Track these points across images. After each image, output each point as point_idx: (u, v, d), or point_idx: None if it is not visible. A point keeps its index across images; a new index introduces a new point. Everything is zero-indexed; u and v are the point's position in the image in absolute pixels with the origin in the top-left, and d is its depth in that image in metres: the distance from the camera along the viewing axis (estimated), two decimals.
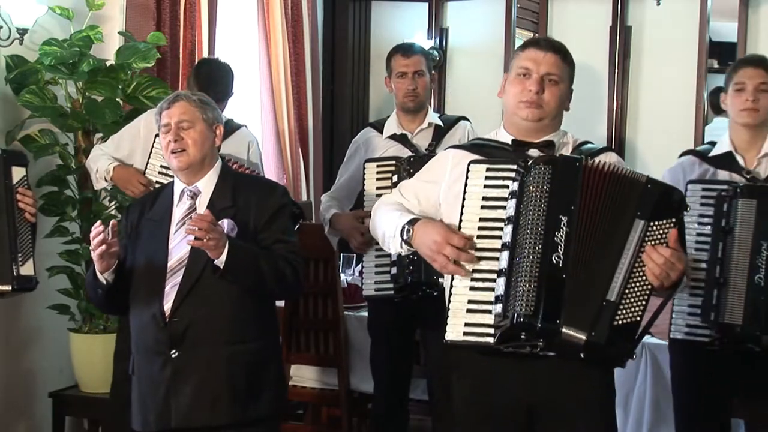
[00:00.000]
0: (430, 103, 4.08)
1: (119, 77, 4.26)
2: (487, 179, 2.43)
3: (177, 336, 2.83)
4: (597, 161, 2.43)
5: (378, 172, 3.72)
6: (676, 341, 3.06)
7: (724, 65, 5.68)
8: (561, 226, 2.32)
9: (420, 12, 6.05)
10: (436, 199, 2.60)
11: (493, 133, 2.65)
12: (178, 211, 2.95)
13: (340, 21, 6.15)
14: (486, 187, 2.43)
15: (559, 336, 2.30)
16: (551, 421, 2.49)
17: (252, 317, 2.90)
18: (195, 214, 2.82)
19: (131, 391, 2.98)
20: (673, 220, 2.36)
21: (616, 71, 5.52)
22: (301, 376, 4.30)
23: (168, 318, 2.83)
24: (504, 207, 2.38)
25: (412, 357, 3.89)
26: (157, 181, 3.65)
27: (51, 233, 4.12)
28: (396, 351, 3.81)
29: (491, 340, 2.35)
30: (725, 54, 5.61)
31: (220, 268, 2.78)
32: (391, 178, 3.64)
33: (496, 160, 2.48)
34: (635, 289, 2.34)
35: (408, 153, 3.77)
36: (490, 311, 2.35)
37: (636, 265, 2.34)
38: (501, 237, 2.37)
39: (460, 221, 2.43)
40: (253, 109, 5.51)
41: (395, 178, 3.62)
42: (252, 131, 4.22)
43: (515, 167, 2.39)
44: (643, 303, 2.34)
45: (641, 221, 2.35)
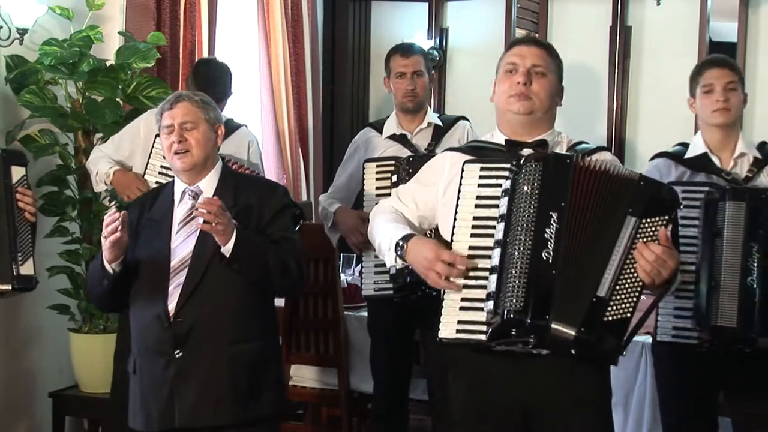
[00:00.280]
0: (429, 104, 4.08)
1: (119, 77, 4.27)
2: (481, 178, 2.45)
3: (181, 336, 2.83)
4: (589, 159, 2.44)
5: (377, 172, 3.72)
6: (662, 344, 3.06)
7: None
8: (551, 222, 2.33)
9: (420, 12, 6.05)
10: (433, 203, 2.60)
11: (489, 135, 2.66)
12: (179, 211, 2.95)
13: (340, 21, 6.15)
14: (480, 186, 2.44)
15: (549, 332, 2.30)
16: (548, 421, 2.49)
17: (254, 317, 2.91)
18: (203, 198, 2.80)
19: (130, 391, 2.98)
20: (666, 217, 2.36)
21: (616, 71, 5.52)
22: (301, 376, 4.30)
23: (172, 318, 2.83)
24: (497, 206, 2.39)
25: (412, 357, 3.90)
26: (157, 182, 3.65)
27: (51, 233, 4.12)
28: (396, 351, 3.81)
29: (483, 337, 2.35)
30: (725, 54, 5.60)
31: (226, 257, 2.77)
32: (391, 177, 3.64)
33: (490, 159, 2.49)
34: (626, 286, 2.34)
35: (407, 153, 3.77)
36: (482, 309, 2.35)
37: (627, 262, 2.34)
38: (493, 235, 2.38)
39: (454, 220, 2.45)
40: (253, 109, 5.51)
41: (395, 177, 3.62)
42: (252, 131, 4.22)
43: (509, 166, 2.40)
44: (634, 300, 2.34)
45: (633, 218, 2.35)
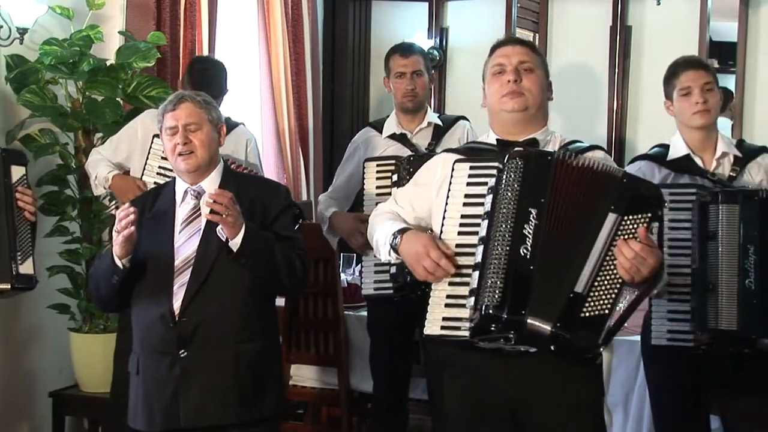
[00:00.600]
0: (429, 103, 4.08)
1: (119, 77, 4.27)
2: (470, 177, 2.47)
3: (186, 335, 2.83)
4: (571, 156, 2.44)
5: (378, 171, 3.72)
6: (657, 348, 3.05)
7: (724, 65, 5.68)
8: (530, 218, 2.34)
9: (420, 12, 6.05)
10: (428, 204, 2.62)
11: (485, 136, 2.68)
12: (181, 211, 2.95)
13: (340, 21, 6.15)
14: (469, 185, 2.47)
15: (525, 326, 2.31)
16: (538, 421, 2.50)
17: (256, 316, 2.91)
18: (217, 190, 2.78)
19: (130, 390, 2.97)
20: (649, 215, 2.36)
21: (616, 71, 5.52)
22: (301, 376, 4.30)
23: (177, 317, 2.83)
24: (483, 204, 2.41)
25: (411, 357, 3.90)
26: (155, 182, 3.63)
27: (51, 233, 4.12)
28: (396, 351, 3.81)
29: (466, 334, 2.37)
30: (725, 54, 5.60)
31: (234, 251, 2.77)
32: (391, 177, 3.63)
33: (480, 158, 2.51)
34: (604, 283, 2.34)
35: (408, 152, 3.77)
36: (465, 305, 2.38)
37: (607, 259, 2.34)
38: (478, 233, 2.39)
39: (443, 219, 2.47)
40: (253, 109, 5.51)
41: (395, 177, 3.61)
42: (252, 130, 4.22)
43: (497, 164, 2.41)
44: (612, 296, 2.34)
45: (614, 215, 2.35)
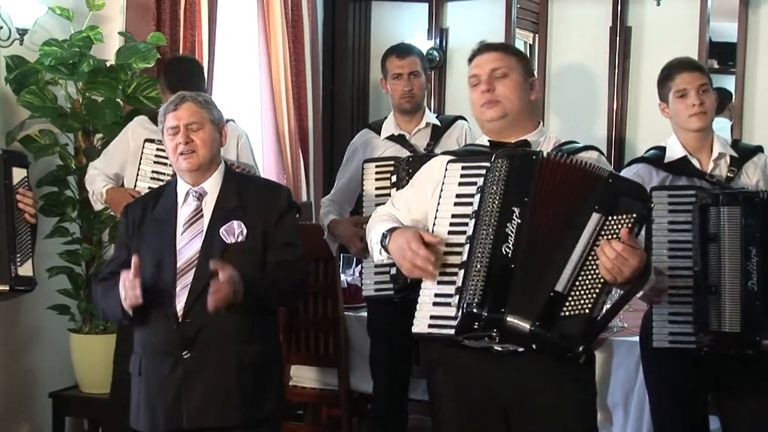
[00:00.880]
0: (428, 104, 4.08)
1: (119, 77, 4.27)
2: (462, 177, 2.48)
3: (189, 337, 2.83)
4: (557, 154, 2.44)
5: (377, 172, 3.72)
6: (657, 350, 3.03)
7: (724, 65, 5.67)
8: (513, 217, 2.35)
9: (420, 12, 6.05)
10: (425, 206, 2.62)
11: (480, 139, 2.70)
12: (183, 212, 2.94)
13: (340, 21, 6.15)
14: (460, 185, 2.48)
15: (505, 324, 2.32)
16: (531, 420, 2.51)
17: (257, 318, 2.91)
18: (222, 273, 2.73)
19: (132, 391, 2.97)
20: (633, 215, 2.35)
21: (616, 72, 5.52)
22: (301, 376, 4.30)
23: (181, 319, 2.83)
24: (472, 203, 2.42)
25: (411, 357, 3.89)
26: (149, 187, 3.62)
27: (51, 234, 4.13)
28: (396, 351, 3.81)
29: (452, 331, 2.37)
30: (725, 54, 5.60)
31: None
32: (390, 178, 3.63)
33: (471, 158, 2.52)
34: (586, 282, 2.34)
35: (406, 153, 3.77)
36: (451, 304, 2.38)
37: (590, 259, 2.34)
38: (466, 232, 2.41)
39: (434, 218, 2.49)
40: (253, 109, 5.51)
41: (394, 178, 3.61)
42: (252, 131, 4.21)
43: (488, 164, 2.43)
44: (594, 296, 2.34)
45: (598, 215, 2.34)
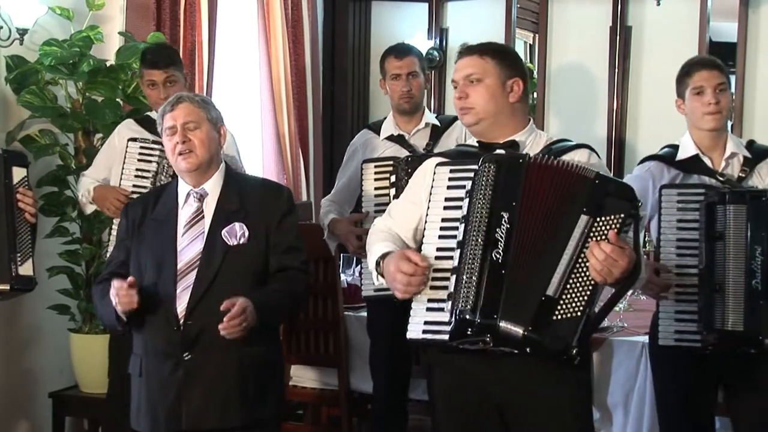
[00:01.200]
0: (428, 104, 4.07)
1: (119, 77, 4.27)
2: (450, 180, 2.49)
3: (190, 339, 2.83)
4: (543, 157, 2.45)
5: (376, 172, 3.72)
6: (663, 348, 3.04)
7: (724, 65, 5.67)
8: (502, 222, 2.36)
9: (420, 12, 6.05)
10: (420, 213, 2.61)
11: (471, 139, 2.70)
12: (184, 213, 2.94)
13: (340, 21, 6.15)
14: (449, 188, 2.49)
15: (498, 330, 2.33)
16: (526, 420, 2.52)
17: None
18: (235, 307, 2.75)
19: (132, 392, 2.98)
20: (621, 215, 2.36)
21: (615, 71, 5.52)
22: (301, 376, 4.30)
23: (182, 320, 2.83)
24: (461, 207, 2.43)
25: (411, 357, 3.89)
26: (134, 185, 3.62)
27: (51, 233, 4.13)
28: (395, 351, 3.80)
29: (446, 337, 2.39)
30: (725, 54, 5.59)
31: None
32: (389, 178, 3.63)
33: (459, 161, 2.52)
34: (577, 285, 2.34)
35: (406, 153, 3.77)
36: (444, 309, 2.40)
37: (579, 261, 2.35)
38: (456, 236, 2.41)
39: (425, 222, 2.50)
40: (253, 109, 5.51)
41: (393, 178, 3.60)
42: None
43: (475, 167, 2.43)
44: (585, 299, 2.34)
45: (586, 217, 2.35)
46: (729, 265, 2.87)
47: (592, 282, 2.35)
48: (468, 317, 2.33)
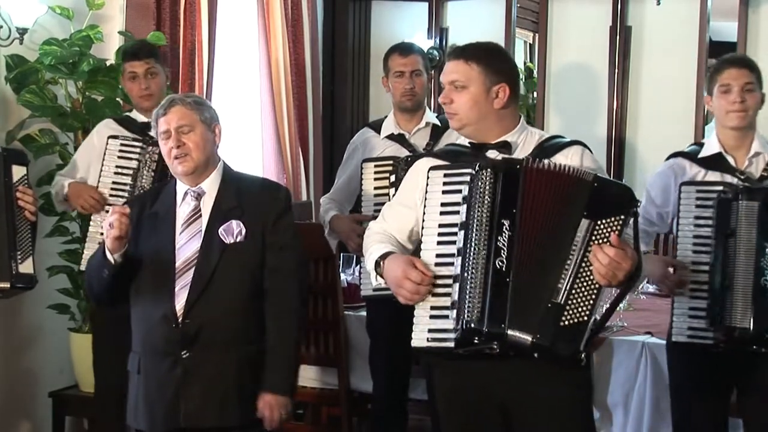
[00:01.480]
0: (428, 103, 4.08)
1: (119, 77, 4.26)
2: (445, 185, 2.49)
3: (189, 336, 2.83)
4: (540, 162, 2.43)
5: (376, 172, 3.73)
6: (676, 344, 3.05)
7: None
8: (503, 230, 2.36)
9: (420, 12, 6.05)
10: (416, 215, 2.62)
11: (462, 138, 2.69)
12: (182, 212, 2.94)
13: (340, 21, 6.15)
14: (444, 193, 2.48)
15: (506, 338, 2.34)
16: (526, 419, 2.53)
17: (257, 319, 2.91)
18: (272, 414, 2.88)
19: (130, 390, 2.98)
20: (621, 217, 2.36)
21: (616, 71, 5.52)
22: (301, 375, 4.26)
23: (181, 318, 2.83)
24: (459, 212, 2.42)
25: (411, 357, 3.89)
26: (113, 182, 3.62)
27: (51, 233, 4.13)
28: (395, 351, 3.80)
29: (452, 344, 2.40)
30: (725, 54, 5.59)
31: None
32: (389, 177, 3.64)
33: (453, 165, 2.52)
34: (582, 289, 2.35)
35: (406, 153, 3.77)
36: (448, 316, 2.40)
37: (583, 266, 2.35)
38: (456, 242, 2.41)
39: (422, 228, 2.50)
40: (253, 109, 5.51)
41: (393, 177, 3.61)
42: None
43: (470, 171, 2.43)
44: (591, 303, 2.35)
45: (587, 221, 2.35)
46: (738, 262, 2.88)
47: (596, 286, 2.35)
48: (475, 326, 2.33)
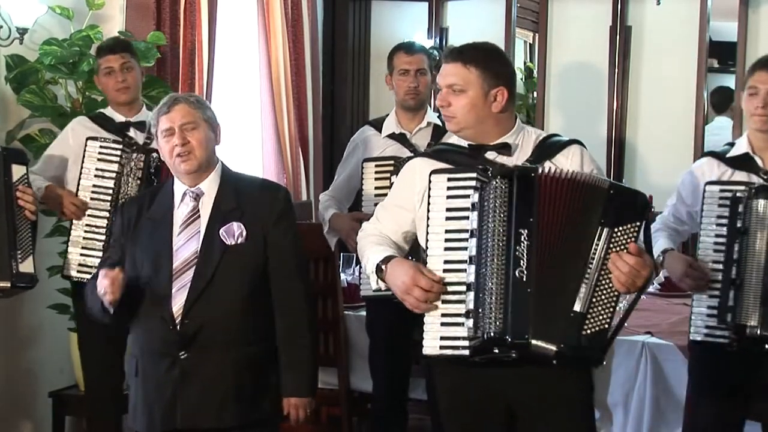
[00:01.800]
0: (429, 103, 4.08)
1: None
2: (449, 189, 2.45)
3: (187, 337, 2.82)
4: (556, 169, 2.42)
5: (377, 171, 3.73)
6: (696, 343, 3.06)
7: (724, 65, 5.69)
8: (521, 240, 2.35)
9: (420, 12, 6.06)
10: (412, 216, 2.61)
11: (455, 138, 2.66)
12: (180, 213, 2.93)
13: (340, 21, 6.15)
14: (449, 198, 2.45)
15: (529, 348, 2.34)
16: (530, 418, 2.53)
17: (256, 320, 2.90)
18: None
19: (129, 392, 2.98)
20: (638, 224, 2.36)
21: (616, 71, 5.52)
22: None
23: (179, 320, 2.82)
24: (467, 217, 2.41)
25: (411, 357, 3.89)
26: (94, 185, 3.59)
27: (51, 233, 4.12)
28: (395, 351, 3.81)
29: (466, 352, 2.39)
30: (725, 54, 5.61)
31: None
32: (390, 177, 3.64)
33: (456, 168, 2.49)
34: (602, 298, 2.36)
35: (407, 152, 3.76)
36: (462, 324, 2.39)
37: (602, 274, 2.36)
38: (467, 248, 2.40)
39: (426, 234, 2.47)
40: (253, 109, 5.51)
41: (393, 178, 3.61)
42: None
43: (475, 175, 2.41)
44: (611, 310, 2.36)
45: (605, 228, 2.36)
46: (750, 261, 2.89)
47: (616, 293, 2.36)
48: (498, 336, 2.33)
